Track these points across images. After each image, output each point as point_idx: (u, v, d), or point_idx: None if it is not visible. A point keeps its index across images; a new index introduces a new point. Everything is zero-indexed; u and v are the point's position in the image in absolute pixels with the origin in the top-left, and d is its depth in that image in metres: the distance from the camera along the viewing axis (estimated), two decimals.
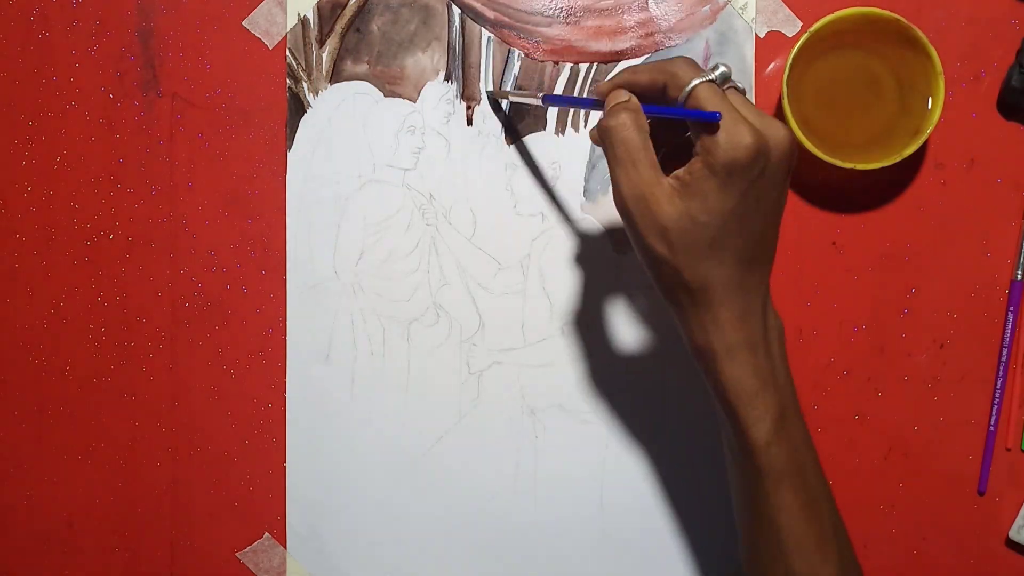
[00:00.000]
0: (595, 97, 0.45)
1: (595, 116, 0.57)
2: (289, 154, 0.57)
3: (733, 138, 0.40)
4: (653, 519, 0.57)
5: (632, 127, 0.42)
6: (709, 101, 0.41)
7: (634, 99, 0.43)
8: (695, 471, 0.57)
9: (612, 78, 0.45)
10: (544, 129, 0.57)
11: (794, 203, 0.56)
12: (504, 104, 0.56)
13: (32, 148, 0.57)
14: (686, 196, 0.41)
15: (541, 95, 0.49)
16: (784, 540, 0.43)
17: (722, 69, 0.42)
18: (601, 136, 0.43)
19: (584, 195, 0.57)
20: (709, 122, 0.41)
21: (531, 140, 0.56)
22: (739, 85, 0.43)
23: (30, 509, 0.58)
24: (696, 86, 0.42)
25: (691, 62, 0.43)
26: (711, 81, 0.42)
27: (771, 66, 0.56)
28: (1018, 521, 0.56)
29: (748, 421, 0.43)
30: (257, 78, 0.57)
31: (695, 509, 0.57)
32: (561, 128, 0.56)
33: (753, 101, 0.56)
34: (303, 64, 0.56)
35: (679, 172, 0.42)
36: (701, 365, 0.44)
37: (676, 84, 0.43)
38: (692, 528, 0.57)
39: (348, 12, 0.56)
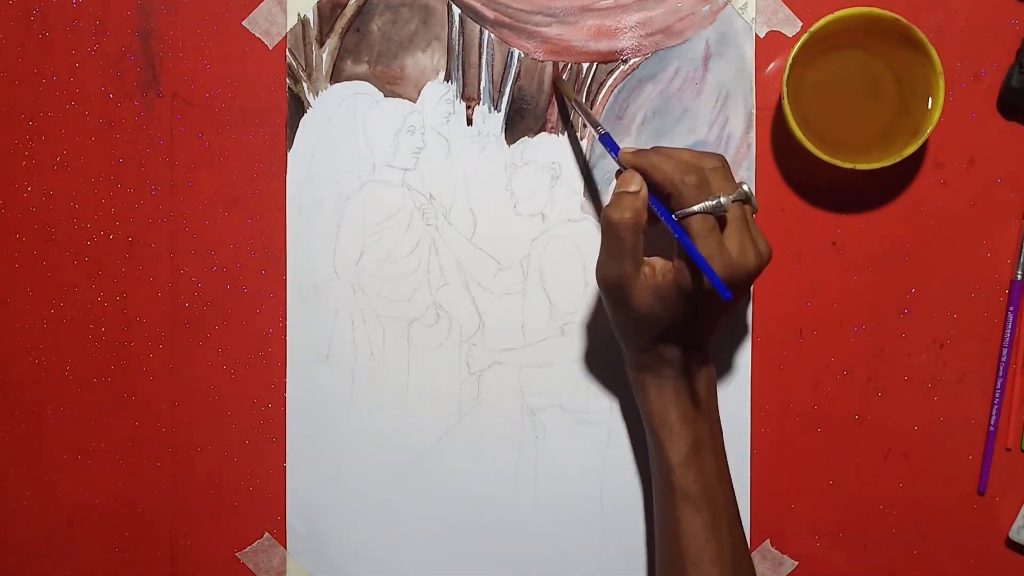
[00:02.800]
0: (620, 164, 0.49)
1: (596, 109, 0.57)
2: (289, 154, 0.57)
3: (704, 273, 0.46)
4: (653, 519, 0.57)
5: (629, 228, 0.47)
6: (699, 232, 0.46)
7: (643, 193, 0.48)
8: None
9: (637, 155, 0.49)
10: (544, 129, 0.57)
11: (794, 203, 0.56)
12: (504, 102, 0.56)
13: (32, 148, 0.57)
14: (654, 296, 0.48)
15: (603, 132, 0.51)
16: (683, 553, 0.49)
17: (720, 200, 0.46)
18: (603, 222, 0.48)
19: (584, 195, 0.57)
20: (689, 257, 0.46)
21: (531, 140, 0.56)
22: (746, 192, 0.48)
23: (30, 509, 0.58)
24: (692, 214, 0.46)
25: (700, 183, 0.47)
26: (707, 211, 0.46)
27: (771, 66, 0.56)
28: (1018, 521, 0.56)
29: (667, 444, 0.50)
30: (257, 78, 0.57)
31: None
32: (561, 128, 0.56)
33: (753, 101, 0.56)
34: (303, 64, 0.56)
35: (655, 264, 0.48)
36: (635, 391, 0.52)
37: (678, 201, 0.47)
38: None
39: (348, 12, 0.56)
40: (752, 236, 0.48)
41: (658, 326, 0.49)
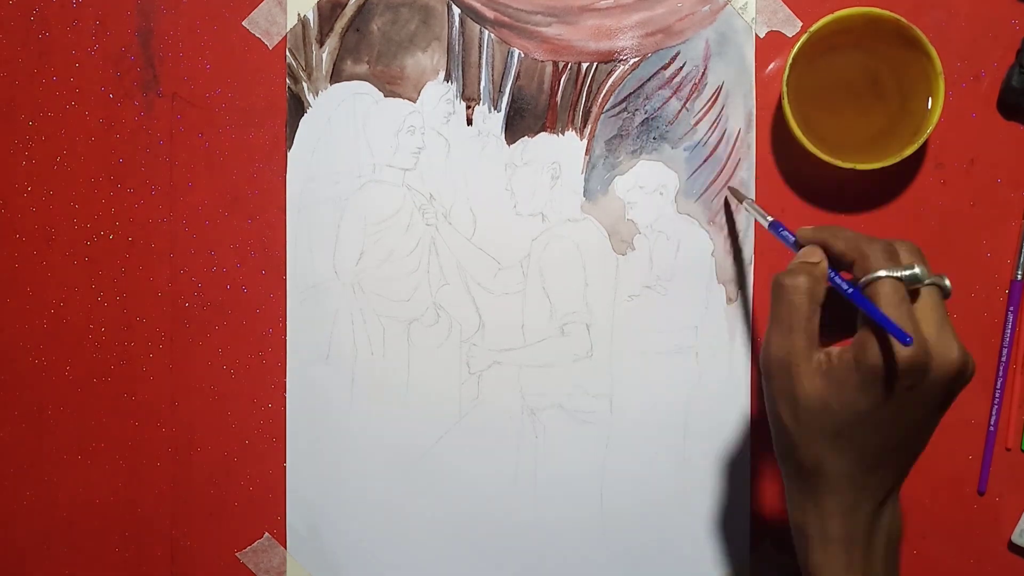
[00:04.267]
0: (795, 238, 0.46)
1: (597, 114, 0.57)
2: (289, 154, 0.57)
3: (890, 345, 0.39)
4: (653, 519, 0.57)
5: (804, 293, 0.41)
6: (886, 298, 0.40)
7: (823, 264, 0.43)
8: (695, 471, 0.57)
9: (817, 229, 0.44)
10: (544, 129, 0.57)
11: (794, 203, 0.56)
12: (504, 102, 0.56)
13: (32, 148, 0.57)
14: (827, 379, 0.41)
15: (770, 220, 0.49)
16: None
17: (916, 271, 0.41)
18: (773, 289, 0.43)
19: (584, 195, 0.57)
20: (876, 324, 0.39)
21: (531, 140, 0.57)
22: (944, 284, 0.42)
23: (30, 509, 0.58)
24: (879, 279, 0.40)
25: (889, 250, 0.41)
26: (898, 279, 0.40)
27: (771, 66, 0.56)
28: (1020, 525, 0.56)
29: None
30: (257, 78, 0.57)
31: (695, 509, 0.57)
32: (561, 128, 0.56)
33: (753, 101, 0.56)
34: (303, 64, 0.56)
35: (832, 351, 0.41)
36: (795, 541, 0.44)
37: (863, 267, 0.41)
38: (692, 528, 0.57)
39: (348, 12, 0.56)
40: (953, 331, 0.41)
41: (828, 425, 0.41)
